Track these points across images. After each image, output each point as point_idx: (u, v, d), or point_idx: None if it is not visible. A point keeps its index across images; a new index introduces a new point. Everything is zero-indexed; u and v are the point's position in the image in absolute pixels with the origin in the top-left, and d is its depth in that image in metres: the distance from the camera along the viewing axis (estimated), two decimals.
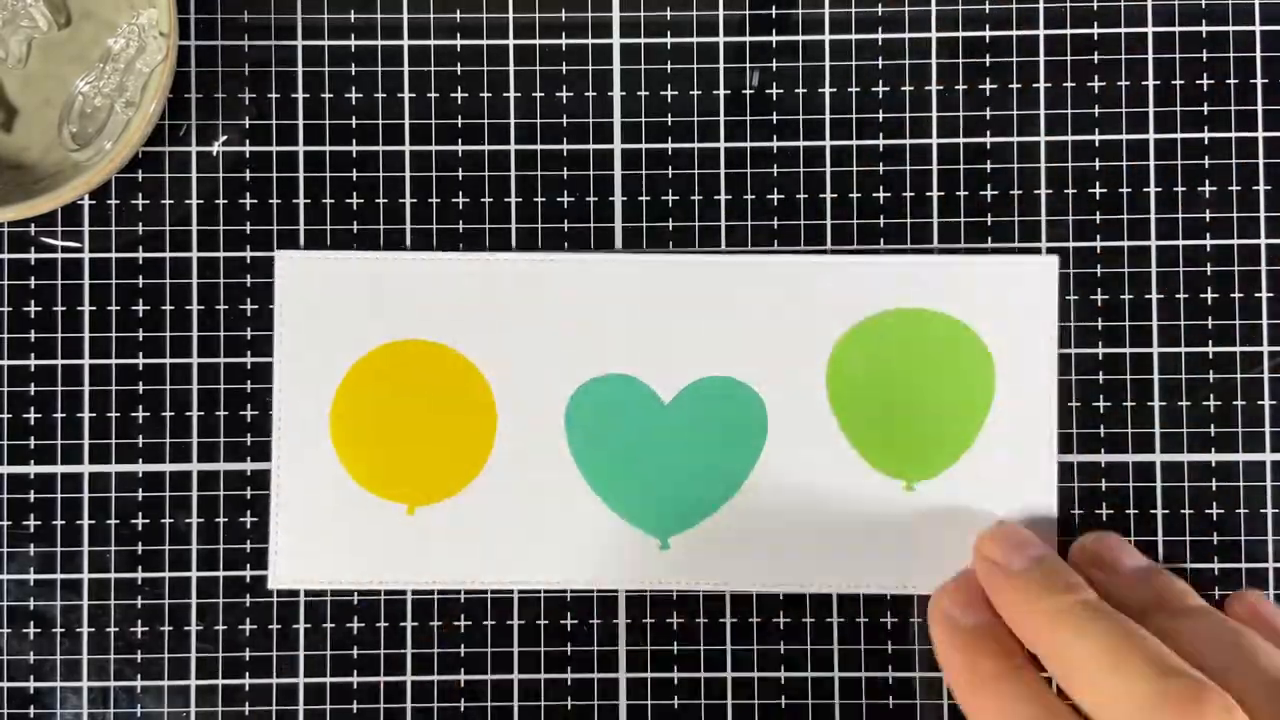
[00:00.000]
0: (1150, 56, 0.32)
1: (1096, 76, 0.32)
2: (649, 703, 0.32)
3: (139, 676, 0.32)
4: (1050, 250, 0.32)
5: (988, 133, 0.32)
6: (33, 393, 0.32)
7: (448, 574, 0.32)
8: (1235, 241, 0.32)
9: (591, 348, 0.32)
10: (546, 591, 0.32)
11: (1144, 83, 0.32)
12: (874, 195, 0.32)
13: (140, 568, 0.32)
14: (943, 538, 0.31)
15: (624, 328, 0.32)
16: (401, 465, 0.32)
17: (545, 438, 0.32)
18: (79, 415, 0.32)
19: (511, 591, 0.32)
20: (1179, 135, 0.32)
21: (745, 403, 0.32)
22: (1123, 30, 0.32)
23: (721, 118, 0.32)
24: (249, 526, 0.32)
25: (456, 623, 0.32)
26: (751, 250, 0.32)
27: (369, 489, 0.32)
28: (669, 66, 0.32)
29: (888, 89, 0.32)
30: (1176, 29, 0.32)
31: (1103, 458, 0.32)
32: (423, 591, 0.32)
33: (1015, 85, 0.32)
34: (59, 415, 0.32)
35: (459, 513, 0.32)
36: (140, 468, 0.32)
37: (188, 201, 0.32)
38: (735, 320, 0.32)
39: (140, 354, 0.32)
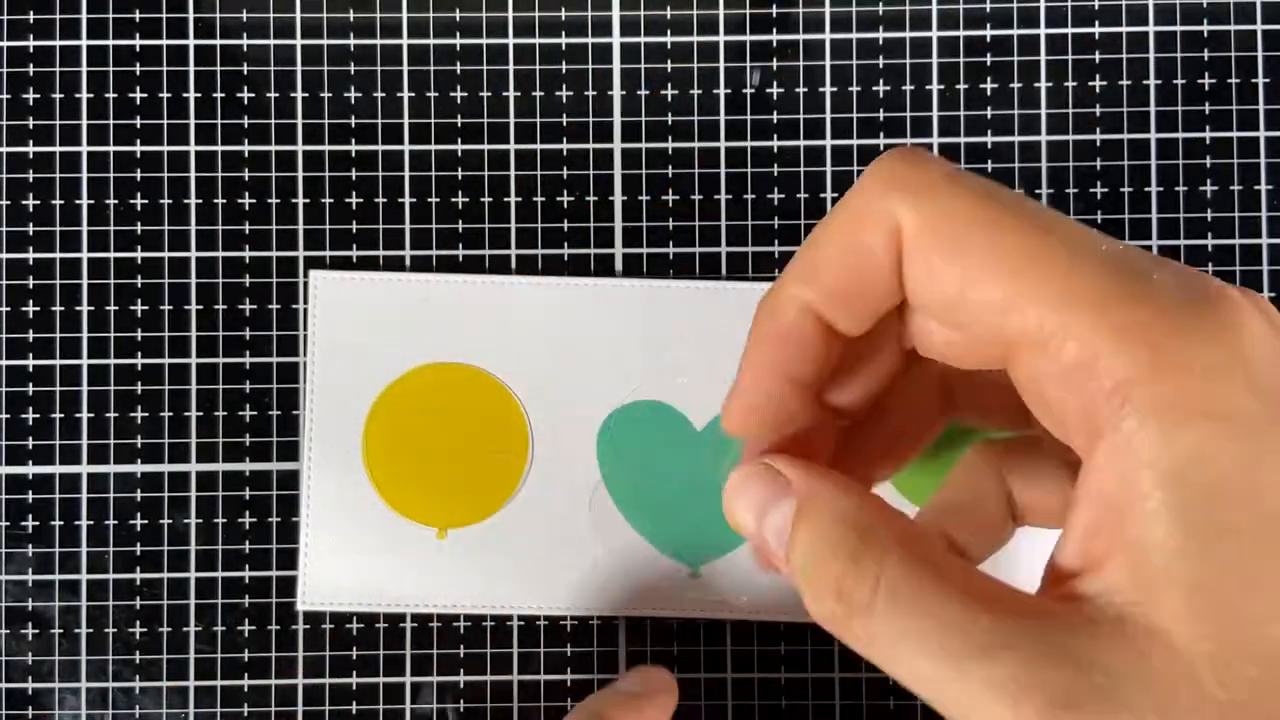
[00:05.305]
0: (1152, 56, 0.32)
1: (1098, 76, 0.32)
2: None
3: (137, 678, 0.32)
4: None
5: (989, 132, 0.32)
6: (31, 393, 0.32)
7: (476, 598, 0.31)
8: (1237, 241, 0.32)
9: (624, 373, 0.32)
10: (573, 617, 0.32)
11: (1145, 82, 0.32)
12: None
13: (139, 569, 0.32)
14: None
15: (657, 353, 0.32)
16: (433, 489, 0.32)
17: (577, 463, 0.31)
18: (77, 416, 0.32)
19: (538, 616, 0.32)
20: (1180, 135, 0.32)
21: None
22: (1124, 29, 0.32)
23: (721, 117, 0.32)
24: (248, 527, 0.32)
25: (457, 624, 0.32)
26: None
27: (400, 512, 0.31)
28: (669, 66, 0.32)
29: (888, 88, 0.32)
30: (1178, 28, 0.32)
31: None
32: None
33: (1016, 84, 0.32)
34: (57, 416, 0.32)
35: (488, 537, 0.31)
36: (138, 468, 0.32)
37: (186, 201, 0.32)
38: None
39: (139, 354, 0.32)
